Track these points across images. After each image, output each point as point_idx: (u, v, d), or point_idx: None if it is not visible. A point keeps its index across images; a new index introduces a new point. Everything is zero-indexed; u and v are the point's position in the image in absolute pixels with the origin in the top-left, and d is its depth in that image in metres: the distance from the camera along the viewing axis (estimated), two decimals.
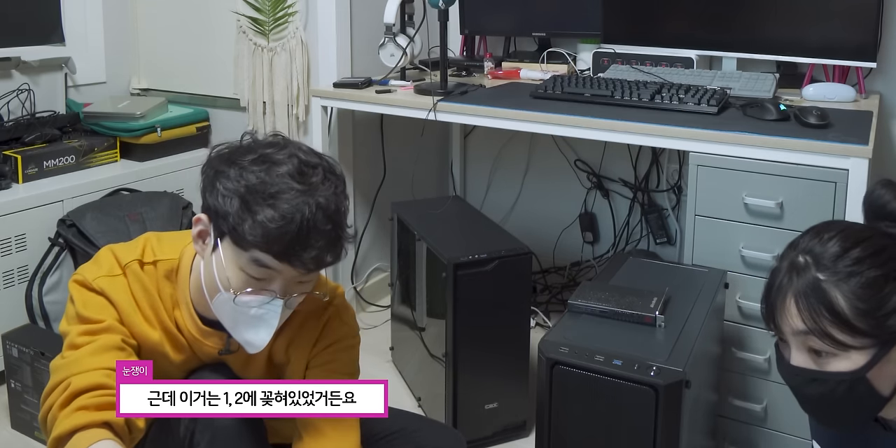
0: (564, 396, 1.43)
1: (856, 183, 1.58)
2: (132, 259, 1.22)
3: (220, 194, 1.09)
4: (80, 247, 2.22)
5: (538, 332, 2.45)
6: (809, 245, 1.01)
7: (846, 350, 0.97)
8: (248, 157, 1.10)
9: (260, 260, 1.09)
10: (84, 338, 1.14)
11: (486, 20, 2.67)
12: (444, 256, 1.86)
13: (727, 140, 1.72)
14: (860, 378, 0.97)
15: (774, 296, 1.02)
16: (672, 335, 1.46)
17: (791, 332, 1.01)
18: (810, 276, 0.98)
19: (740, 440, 1.82)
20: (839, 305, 0.96)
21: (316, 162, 1.12)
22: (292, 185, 1.07)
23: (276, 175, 1.08)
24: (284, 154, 1.11)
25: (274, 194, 1.06)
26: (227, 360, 1.28)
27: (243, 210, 1.07)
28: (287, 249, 1.07)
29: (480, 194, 3.02)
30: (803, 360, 1.01)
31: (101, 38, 2.80)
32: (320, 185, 1.09)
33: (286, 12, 2.53)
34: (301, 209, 1.06)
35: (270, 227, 1.05)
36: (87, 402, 1.07)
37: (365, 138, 2.61)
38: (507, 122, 2.01)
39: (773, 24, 2.09)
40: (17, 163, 2.28)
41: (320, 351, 1.28)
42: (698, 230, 1.77)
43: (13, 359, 1.99)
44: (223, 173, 1.10)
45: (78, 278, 1.20)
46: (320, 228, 1.07)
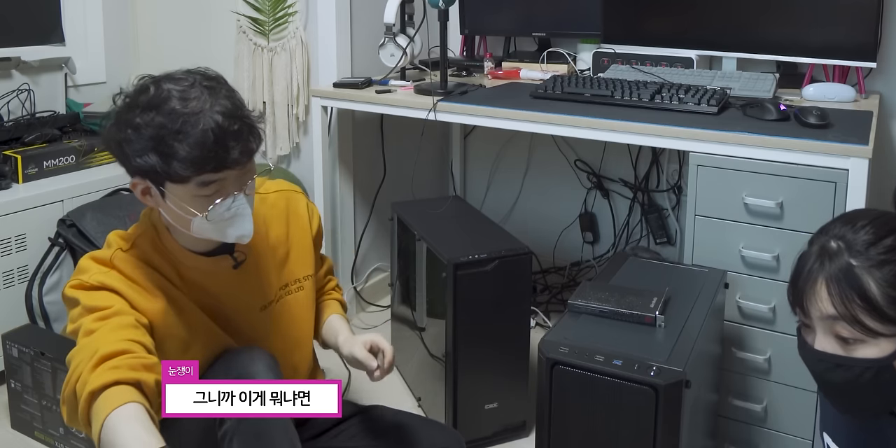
0: (564, 396, 1.43)
1: (856, 183, 1.58)
2: (113, 251, 1.27)
3: (135, 157, 1.17)
4: (80, 247, 2.22)
5: (538, 332, 2.45)
6: (841, 231, 1.01)
7: (875, 337, 0.97)
8: (134, 113, 1.17)
9: (203, 180, 1.19)
10: (97, 323, 1.18)
11: (486, 20, 2.67)
12: (444, 256, 1.86)
13: (727, 140, 1.72)
14: (887, 365, 0.97)
15: (804, 280, 1.02)
16: (672, 335, 1.46)
17: (819, 316, 1.00)
18: (843, 261, 0.98)
19: (740, 440, 1.82)
20: (871, 292, 0.96)
21: (188, 80, 1.20)
22: (184, 112, 1.15)
23: (166, 113, 1.15)
24: (160, 92, 1.17)
25: (178, 130, 1.14)
26: (245, 284, 1.36)
27: (163, 157, 1.15)
28: (218, 162, 1.17)
29: (480, 194, 3.03)
30: (829, 345, 1.01)
31: (101, 38, 2.80)
32: (206, 97, 1.17)
33: (286, 12, 2.54)
34: (206, 127, 1.15)
35: (194, 154, 1.14)
36: (118, 363, 1.12)
37: (365, 138, 2.61)
38: (507, 122, 2.01)
39: (773, 24, 2.09)
40: (17, 163, 2.28)
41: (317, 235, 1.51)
42: (698, 230, 1.77)
43: (13, 359, 1.99)
44: (125, 140, 1.18)
45: (73, 284, 1.24)
46: (231, 130, 1.16)
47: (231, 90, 1.22)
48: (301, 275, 1.46)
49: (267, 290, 1.40)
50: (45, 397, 1.94)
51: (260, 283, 1.39)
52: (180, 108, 1.15)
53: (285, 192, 1.49)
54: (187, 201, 1.20)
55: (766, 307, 1.71)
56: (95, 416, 1.08)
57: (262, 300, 1.39)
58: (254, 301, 1.38)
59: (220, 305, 1.34)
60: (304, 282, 1.46)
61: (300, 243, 1.46)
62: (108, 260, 1.26)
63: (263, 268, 1.40)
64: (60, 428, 1.93)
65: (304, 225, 1.48)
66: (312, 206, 1.53)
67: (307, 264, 1.47)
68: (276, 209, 1.44)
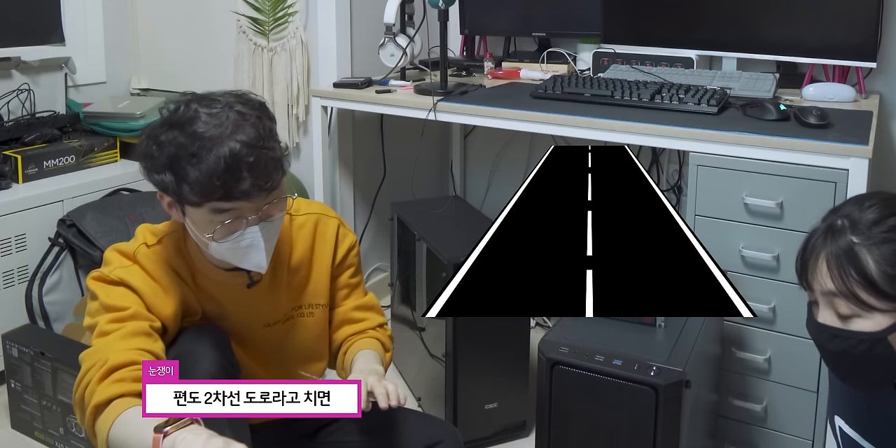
0: (564, 396, 1.43)
1: (856, 183, 1.58)
2: (138, 245, 1.29)
3: (154, 173, 1.17)
4: (80, 247, 2.22)
5: (538, 332, 2.45)
6: (849, 210, 1.05)
7: (870, 311, 1.01)
8: (162, 128, 1.17)
9: (216, 207, 1.17)
10: (112, 325, 1.20)
11: (486, 20, 2.67)
12: (444, 256, 1.86)
13: (727, 140, 1.72)
14: (881, 339, 1.01)
15: (808, 254, 1.06)
16: (672, 335, 1.46)
17: (820, 290, 1.05)
18: (845, 238, 1.02)
19: (740, 440, 1.82)
20: (869, 268, 1.00)
21: (221, 102, 1.18)
22: (203, 136, 1.13)
23: (188, 134, 1.14)
24: (187, 111, 1.16)
25: (193, 153, 1.13)
26: (255, 301, 1.35)
27: (177, 178, 1.14)
28: (226, 192, 1.14)
29: (480, 194, 3.02)
30: (829, 318, 1.05)
31: (101, 38, 2.80)
32: (230, 123, 1.15)
33: (286, 12, 2.53)
34: (220, 155, 1.12)
35: (202, 181, 1.13)
36: (124, 375, 1.14)
37: (365, 138, 2.61)
38: (507, 122, 2.01)
39: (773, 24, 2.09)
40: (17, 163, 2.28)
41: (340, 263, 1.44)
42: (698, 230, 1.77)
43: (13, 359, 1.99)
44: (148, 155, 1.17)
45: (95, 275, 1.26)
46: (245, 161, 1.13)
47: (262, 119, 1.19)
48: (315, 301, 1.42)
49: (276, 310, 1.38)
50: (45, 397, 1.94)
51: (271, 303, 1.37)
52: (202, 131, 1.13)
53: (315, 215, 1.43)
54: (203, 224, 1.19)
55: (766, 307, 1.71)
56: (100, 430, 1.11)
57: (267, 319, 1.38)
58: (259, 318, 1.37)
59: (225, 317, 1.34)
60: (315, 308, 1.42)
61: (320, 269, 1.42)
62: (131, 254, 1.27)
63: (277, 288, 1.37)
64: (60, 428, 1.93)
65: (327, 251, 1.43)
66: (345, 233, 1.46)
67: (323, 293, 1.43)
68: (302, 231, 1.41)
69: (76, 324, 2.20)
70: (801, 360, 1.70)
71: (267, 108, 1.23)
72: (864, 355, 1.02)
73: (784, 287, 1.69)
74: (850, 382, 1.11)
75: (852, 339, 1.02)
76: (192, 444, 0.99)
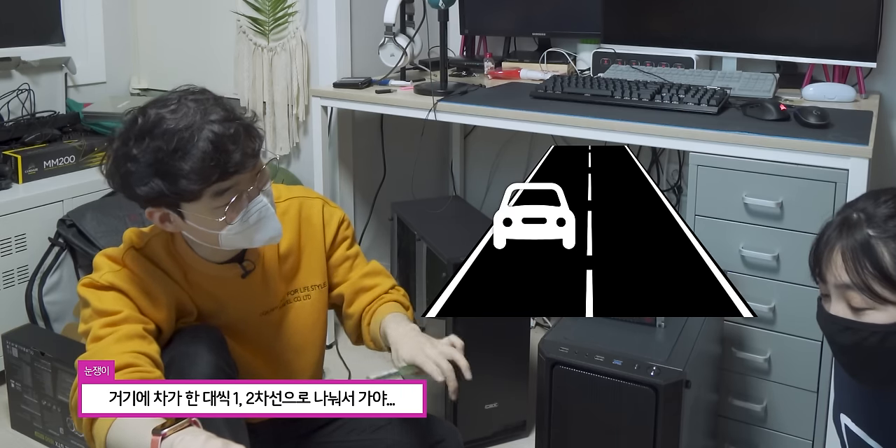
0: (564, 396, 1.43)
1: (856, 183, 1.58)
2: (126, 249, 1.29)
3: (139, 187, 1.16)
4: (80, 247, 2.22)
5: (538, 332, 2.45)
6: (865, 204, 1.06)
7: (884, 304, 1.02)
8: (128, 146, 1.16)
9: (215, 190, 1.17)
10: (106, 329, 1.20)
11: (486, 20, 2.67)
12: (444, 256, 1.86)
13: (727, 140, 1.72)
14: (893, 332, 1.02)
15: (822, 247, 1.07)
16: (672, 335, 1.46)
17: (834, 283, 1.05)
18: (861, 231, 1.03)
19: (740, 440, 1.82)
20: (884, 261, 1.01)
21: (173, 98, 1.18)
22: (178, 130, 1.14)
23: (159, 136, 1.14)
24: (147, 118, 1.16)
25: (175, 148, 1.13)
26: (250, 291, 1.36)
27: (168, 178, 1.14)
28: (222, 168, 1.15)
29: (480, 194, 3.02)
30: (842, 310, 1.06)
31: (101, 38, 2.80)
32: (195, 110, 1.16)
33: (286, 12, 2.54)
34: (205, 137, 1.14)
35: (198, 167, 1.14)
36: (121, 378, 1.13)
37: (365, 138, 2.61)
38: (507, 122, 2.01)
39: (773, 24, 2.09)
40: (17, 163, 2.28)
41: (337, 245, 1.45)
42: (698, 230, 1.77)
43: (13, 359, 1.99)
44: (126, 173, 1.16)
45: (86, 282, 1.25)
46: (227, 135, 1.15)
47: (218, 98, 1.22)
48: (310, 283, 1.43)
49: (272, 297, 1.39)
50: (45, 397, 1.94)
51: (265, 291, 1.38)
52: (174, 127, 1.14)
53: (297, 199, 1.44)
54: (208, 215, 1.20)
55: (766, 307, 1.71)
56: (97, 434, 1.11)
57: (264, 306, 1.39)
58: (256, 307, 1.38)
59: (222, 310, 1.35)
60: (311, 290, 1.43)
61: (311, 252, 1.43)
62: (120, 258, 1.27)
63: (271, 276, 1.39)
64: (60, 428, 1.93)
65: (316, 233, 1.44)
66: (332, 211, 1.47)
67: (318, 273, 1.44)
68: (287, 216, 1.41)
69: (76, 324, 2.19)
70: (801, 360, 1.70)
71: (209, 90, 1.24)
72: (876, 348, 1.03)
73: (784, 287, 1.69)
74: (860, 377, 1.11)
75: (864, 332, 1.03)
76: (190, 445, 1.00)
